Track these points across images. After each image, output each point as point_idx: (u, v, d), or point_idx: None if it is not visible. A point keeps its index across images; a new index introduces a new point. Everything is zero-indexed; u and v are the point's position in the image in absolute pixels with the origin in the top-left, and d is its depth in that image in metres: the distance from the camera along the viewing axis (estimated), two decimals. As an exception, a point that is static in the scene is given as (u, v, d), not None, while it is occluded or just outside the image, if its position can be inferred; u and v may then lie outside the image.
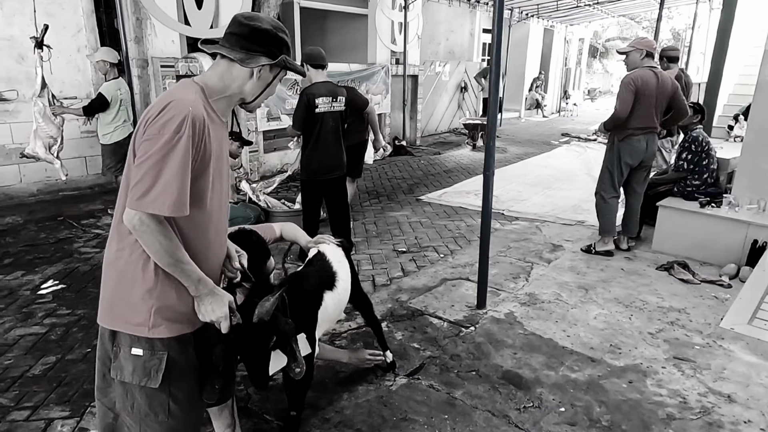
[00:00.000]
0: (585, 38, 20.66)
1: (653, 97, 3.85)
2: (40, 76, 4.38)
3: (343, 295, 2.15)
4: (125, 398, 1.41)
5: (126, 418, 1.45)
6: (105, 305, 1.40)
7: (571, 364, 2.64)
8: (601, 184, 4.18)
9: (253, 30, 1.40)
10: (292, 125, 3.86)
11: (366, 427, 2.16)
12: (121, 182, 1.36)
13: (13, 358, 2.73)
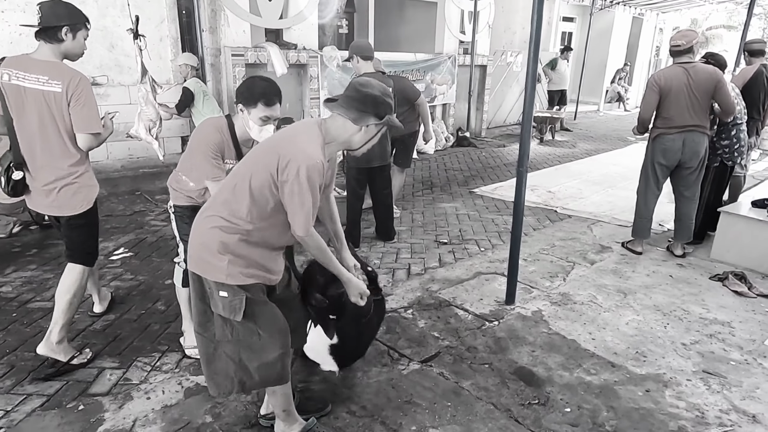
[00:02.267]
0: (681, 27, 19.18)
1: (684, 94, 3.66)
2: (140, 63, 4.81)
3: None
4: (224, 327, 1.79)
5: (226, 345, 1.81)
6: (195, 256, 1.78)
7: (588, 367, 2.60)
8: (638, 185, 4.15)
9: (366, 96, 1.77)
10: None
11: (370, 405, 2.28)
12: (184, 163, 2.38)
13: (81, 313, 3.11)
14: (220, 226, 1.74)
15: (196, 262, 1.78)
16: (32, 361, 2.60)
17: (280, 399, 1.99)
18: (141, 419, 2.20)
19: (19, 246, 4.14)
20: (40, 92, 2.36)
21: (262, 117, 2.23)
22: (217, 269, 1.73)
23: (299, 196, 1.69)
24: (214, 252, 1.73)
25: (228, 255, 1.73)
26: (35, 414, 2.23)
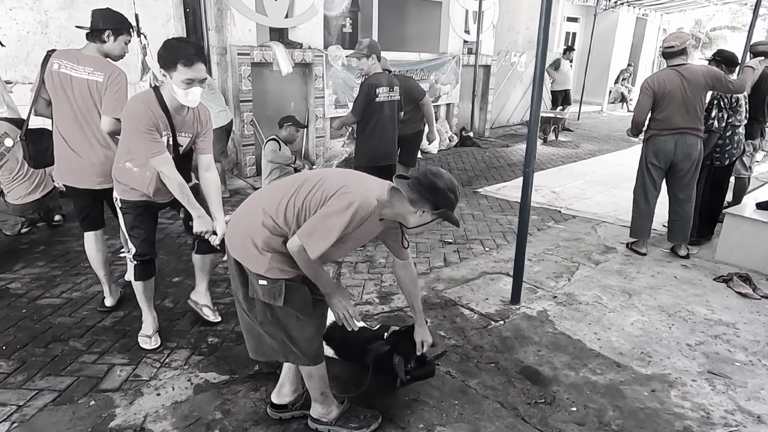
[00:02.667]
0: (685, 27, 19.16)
1: (678, 97, 3.68)
2: (141, 61, 4.84)
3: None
4: (265, 311, 1.91)
5: (267, 326, 1.93)
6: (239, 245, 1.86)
7: (594, 366, 2.62)
8: (635, 186, 4.17)
9: (431, 184, 1.81)
10: (352, 113, 4.04)
11: (378, 403, 2.30)
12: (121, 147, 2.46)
13: (90, 310, 3.14)
14: (270, 226, 1.82)
15: (239, 250, 1.88)
16: (43, 357, 2.63)
17: (318, 382, 2.05)
18: (152, 415, 2.23)
19: (27, 243, 4.17)
20: (85, 81, 2.79)
21: (184, 80, 2.25)
22: (259, 262, 1.83)
23: (333, 221, 1.71)
24: (259, 247, 1.82)
25: (271, 252, 1.83)
26: (47, 409, 2.26)
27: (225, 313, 3.16)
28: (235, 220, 1.95)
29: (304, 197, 1.81)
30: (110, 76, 2.84)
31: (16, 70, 5.31)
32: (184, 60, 2.23)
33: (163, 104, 2.37)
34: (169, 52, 2.24)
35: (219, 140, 5.44)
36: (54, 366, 2.57)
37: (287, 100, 6.97)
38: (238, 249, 1.88)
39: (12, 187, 3.99)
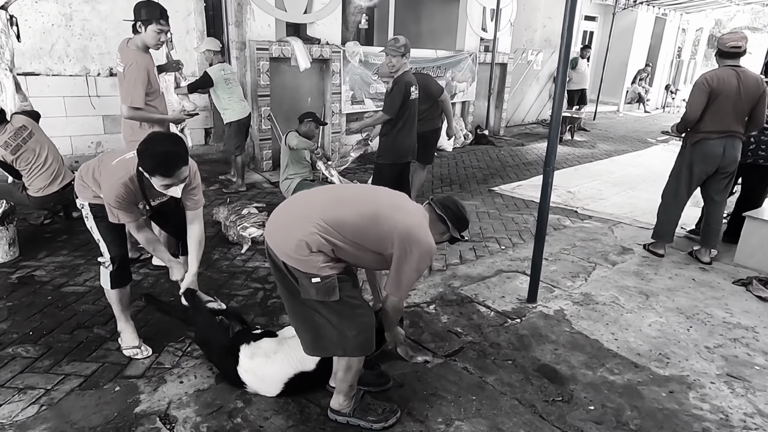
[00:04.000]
0: (704, 28, 18.86)
1: (732, 99, 3.57)
2: (166, 54, 4.89)
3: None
4: (321, 308, 1.95)
5: (324, 323, 1.98)
6: (288, 251, 1.90)
7: (612, 366, 2.62)
8: (666, 188, 4.08)
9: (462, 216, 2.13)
10: (385, 111, 4.06)
11: (397, 396, 2.33)
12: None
13: (112, 298, 3.20)
14: (323, 234, 1.88)
15: (289, 255, 1.90)
16: (68, 343, 2.70)
17: (354, 375, 2.10)
18: (175, 402, 2.28)
19: (50, 233, 4.25)
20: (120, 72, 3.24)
21: (163, 184, 2.23)
22: (311, 264, 1.88)
23: (418, 270, 2.01)
24: (312, 251, 1.88)
25: (321, 255, 1.90)
26: (74, 393, 2.31)
27: (244, 305, 3.21)
28: (284, 225, 1.97)
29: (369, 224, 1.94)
30: (126, 66, 3.15)
31: (41, 61, 5.40)
32: (162, 171, 2.18)
33: (143, 186, 2.34)
34: (147, 164, 2.19)
35: (237, 134, 5.50)
36: (79, 352, 2.63)
37: (304, 96, 7.00)
38: (288, 255, 1.90)
39: (31, 179, 4.05)
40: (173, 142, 2.26)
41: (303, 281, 1.90)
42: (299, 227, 1.91)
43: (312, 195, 2.11)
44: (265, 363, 2.29)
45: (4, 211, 3.61)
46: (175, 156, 2.20)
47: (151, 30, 3.20)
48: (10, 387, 2.34)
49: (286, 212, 2.04)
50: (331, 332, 1.99)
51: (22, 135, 3.95)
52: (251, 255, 3.96)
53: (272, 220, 2.06)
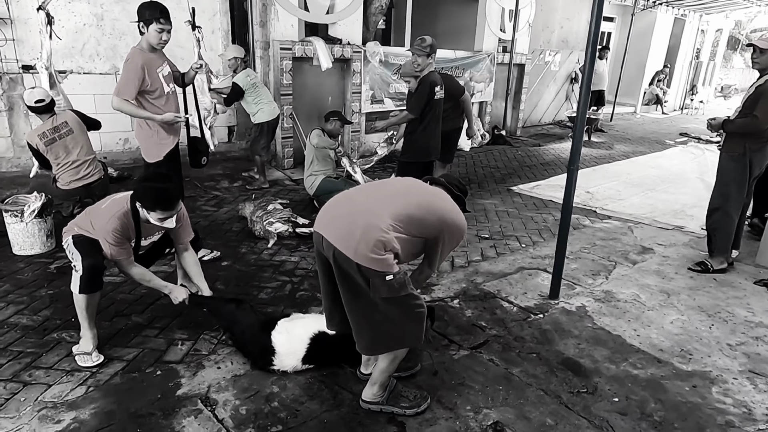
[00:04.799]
0: (724, 29, 18.65)
1: None
2: (197, 54, 5.01)
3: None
4: (389, 305, 1.99)
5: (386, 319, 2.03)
6: (361, 251, 1.92)
7: (635, 361, 2.68)
8: (726, 199, 3.72)
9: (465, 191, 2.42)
10: (410, 110, 4.14)
11: (425, 386, 2.41)
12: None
13: (148, 289, 3.32)
14: (395, 232, 1.98)
15: (365, 256, 1.92)
16: (109, 329, 2.82)
17: (395, 365, 2.18)
18: (214, 386, 2.38)
19: (83, 224, 4.39)
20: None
21: (161, 218, 2.48)
22: (386, 262, 1.94)
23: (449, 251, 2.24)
24: (386, 249, 1.95)
25: (389, 253, 1.96)
26: (118, 376, 2.43)
27: (273, 296, 3.31)
28: (353, 226, 1.97)
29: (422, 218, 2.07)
30: (124, 62, 3.38)
31: (72, 60, 5.57)
32: (162, 208, 2.46)
33: (138, 221, 2.56)
34: (148, 200, 2.45)
35: (265, 135, 5.62)
36: (120, 338, 2.75)
37: (325, 95, 7.11)
38: (361, 255, 1.91)
39: (58, 172, 4.19)
40: (168, 178, 2.52)
41: (375, 280, 1.93)
42: (372, 227, 1.95)
43: (368, 192, 2.21)
44: (300, 321, 2.59)
45: (43, 203, 3.75)
46: (173, 191, 2.50)
47: (153, 29, 3.31)
48: (58, 369, 2.47)
49: (349, 212, 2.05)
50: (392, 328, 2.04)
51: (61, 131, 4.09)
52: (277, 249, 4.07)
53: (333, 223, 2.04)
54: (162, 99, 3.55)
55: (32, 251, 3.76)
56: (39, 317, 2.93)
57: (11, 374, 2.42)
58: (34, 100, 4.04)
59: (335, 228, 2.02)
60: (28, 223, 3.68)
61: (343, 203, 2.15)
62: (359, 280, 1.96)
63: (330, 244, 1.98)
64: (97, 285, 2.53)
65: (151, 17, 3.30)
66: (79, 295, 2.49)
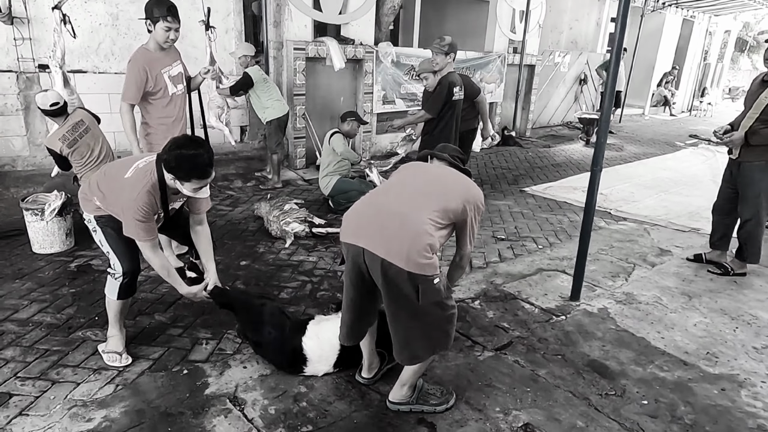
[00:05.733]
0: (732, 30, 18.59)
1: None
2: (210, 54, 5.02)
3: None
4: (436, 308, 2.00)
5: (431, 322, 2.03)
6: (413, 259, 1.90)
7: (661, 363, 2.67)
8: (758, 209, 3.62)
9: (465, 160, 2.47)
10: (427, 110, 4.13)
11: (452, 387, 2.40)
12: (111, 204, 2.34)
13: (168, 287, 3.31)
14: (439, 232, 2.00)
15: (416, 263, 1.89)
16: (133, 328, 2.82)
17: (425, 367, 2.17)
18: (242, 385, 2.38)
19: (100, 223, 4.40)
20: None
21: (195, 189, 2.24)
22: (432, 266, 1.93)
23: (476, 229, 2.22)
24: (432, 252, 1.94)
25: (435, 255, 1.97)
26: (146, 374, 2.44)
27: (294, 296, 3.31)
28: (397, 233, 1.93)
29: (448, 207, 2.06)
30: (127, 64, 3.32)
31: (88, 60, 5.59)
32: (197, 176, 2.21)
33: (164, 190, 2.30)
34: (182, 169, 2.18)
35: (276, 132, 5.63)
36: (144, 337, 2.76)
37: (337, 95, 7.11)
38: (413, 262, 1.88)
39: (82, 172, 4.21)
40: (200, 144, 2.23)
41: (425, 286, 1.90)
42: (419, 232, 1.92)
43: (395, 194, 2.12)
44: (328, 324, 2.48)
45: (63, 202, 3.76)
46: (208, 157, 2.22)
47: (159, 28, 3.22)
48: (85, 367, 2.48)
49: (389, 220, 1.99)
50: (437, 332, 2.05)
51: (79, 130, 4.11)
52: (295, 249, 4.07)
53: (374, 234, 1.98)
54: (164, 100, 3.44)
55: (52, 249, 3.77)
56: (63, 315, 2.93)
57: (39, 372, 2.42)
58: (49, 103, 4.04)
59: (379, 239, 1.96)
60: (49, 221, 3.68)
61: (376, 211, 2.08)
62: (407, 290, 1.93)
63: (375, 256, 1.93)
64: (134, 289, 2.55)
65: (158, 15, 3.20)
66: (117, 301, 2.49)
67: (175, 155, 2.17)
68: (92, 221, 2.43)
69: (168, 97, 3.42)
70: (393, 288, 1.97)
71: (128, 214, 2.22)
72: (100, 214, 2.41)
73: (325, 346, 2.44)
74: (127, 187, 2.25)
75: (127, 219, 2.24)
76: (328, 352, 2.44)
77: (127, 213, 2.23)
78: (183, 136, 2.34)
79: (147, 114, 3.40)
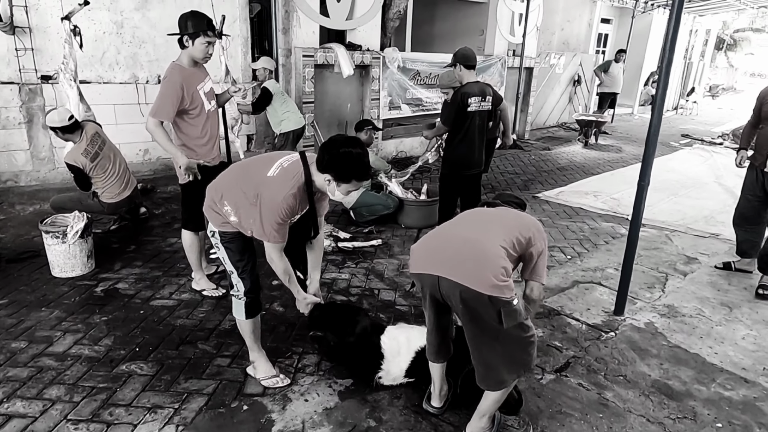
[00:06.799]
0: (712, 29, 18.99)
1: None
2: (224, 63, 4.88)
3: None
4: (517, 330, 1.96)
5: (514, 345, 2.00)
6: (487, 281, 1.87)
7: (722, 381, 2.66)
8: None
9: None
10: (443, 122, 4.06)
11: (524, 415, 2.35)
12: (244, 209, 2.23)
13: (204, 312, 3.21)
14: (508, 255, 1.99)
15: (494, 286, 1.87)
16: (178, 359, 2.70)
17: (505, 395, 2.10)
18: (308, 421, 2.29)
19: (117, 242, 4.24)
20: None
21: (351, 190, 2.14)
22: (509, 288, 1.91)
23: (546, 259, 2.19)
24: (507, 275, 1.93)
25: (510, 278, 1.94)
26: (204, 412, 2.32)
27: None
28: (474, 257, 1.93)
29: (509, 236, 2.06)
30: (162, 80, 3.16)
31: (92, 69, 5.38)
32: (358, 177, 2.10)
33: (311, 190, 2.18)
34: (346, 168, 2.07)
35: (291, 144, 5.49)
36: (192, 369, 2.63)
37: (344, 102, 7.02)
38: (488, 285, 1.86)
39: (106, 186, 4.07)
40: (360, 144, 2.13)
41: (506, 309, 1.89)
42: (494, 255, 1.93)
43: (466, 223, 2.17)
44: (407, 329, 2.61)
45: (85, 224, 3.60)
46: (368, 160, 2.14)
47: (199, 43, 3.05)
48: (138, 406, 2.35)
49: (464, 247, 1.98)
50: (520, 354, 2.01)
51: (98, 142, 3.98)
52: (324, 266, 3.96)
53: (449, 262, 1.95)
54: (201, 118, 3.28)
55: (73, 273, 3.60)
56: (101, 347, 2.79)
57: (90, 413, 2.29)
58: (67, 117, 3.90)
59: (455, 265, 1.95)
60: (71, 244, 3.52)
61: (446, 240, 2.09)
62: (489, 314, 1.91)
63: (455, 283, 1.92)
64: (259, 306, 2.53)
65: (197, 29, 3.03)
66: (247, 321, 2.47)
67: (339, 155, 2.05)
68: (216, 236, 2.36)
69: (205, 114, 3.26)
70: (473, 313, 1.96)
71: (269, 214, 2.11)
72: (227, 230, 2.33)
73: (402, 349, 2.50)
74: (272, 186, 2.12)
75: (266, 218, 2.12)
76: (404, 354, 2.49)
77: (267, 213, 2.11)
78: (340, 135, 2.20)
79: (182, 134, 3.23)
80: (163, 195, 5.50)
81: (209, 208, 2.36)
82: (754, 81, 29.14)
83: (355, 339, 2.55)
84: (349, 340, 2.56)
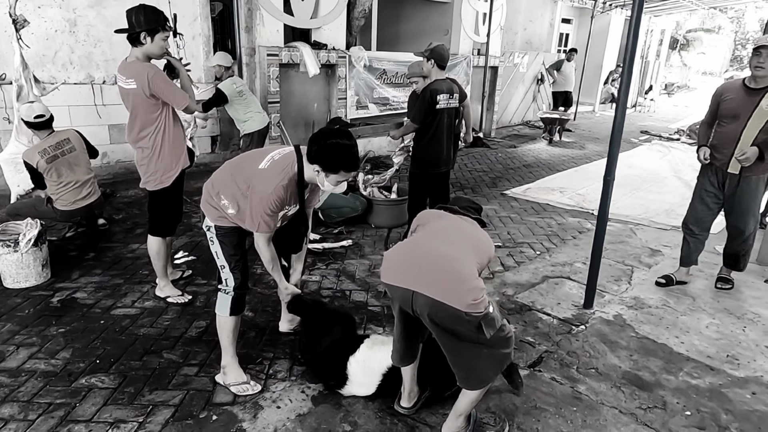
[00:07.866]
0: (666, 29, 19.68)
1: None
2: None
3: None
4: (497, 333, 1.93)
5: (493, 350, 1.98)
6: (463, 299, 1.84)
7: (690, 370, 2.72)
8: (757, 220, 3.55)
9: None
10: (412, 120, 4.03)
11: (500, 411, 2.34)
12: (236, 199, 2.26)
13: (170, 320, 3.09)
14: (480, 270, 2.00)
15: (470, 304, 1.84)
16: (142, 370, 2.58)
17: (482, 394, 2.08)
18: (281, 429, 2.22)
19: (74, 250, 4.05)
20: (126, 91, 2.92)
21: (340, 181, 2.17)
22: (484, 302, 1.88)
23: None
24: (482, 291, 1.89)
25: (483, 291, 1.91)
26: (170, 425, 2.22)
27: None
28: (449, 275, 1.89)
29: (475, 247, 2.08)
30: (143, 82, 2.83)
31: (44, 69, 5.14)
32: (346, 167, 2.12)
33: (301, 183, 2.23)
34: (334, 159, 2.09)
35: (254, 144, 5.35)
36: (157, 379, 2.52)
37: (311, 101, 6.93)
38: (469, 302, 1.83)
39: (60, 192, 3.88)
40: (349, 135, 2.14)
41: (484, 321, 1.86)
42: (470, 275, 1.91)
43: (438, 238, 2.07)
44: (379, 353, 2.41)
45: (39, 231, 3.41)
46: (356, 150, 2.15)
47: (159, 39, 2.88)
48: (100, 421, 2.23)
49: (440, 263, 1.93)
50: (499, 353, 2.00)
51: (63, 148, 3.82)
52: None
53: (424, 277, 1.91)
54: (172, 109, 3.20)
55: (27, 283, 3.41)
56: (58, 360, 2.64)
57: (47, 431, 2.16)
58: (33, 115, 3.78)
59: (432, 283, 1.89)
60: (24, 253, 3.33)
61: (423, 254, 2.00)
62: (466, 327, 1.89)
63: (430, 299, 1.88)
64: (244, 305, 2.53)
65: (157, 24, 2.87)
66: (229, 318, 2.44)
67: (327, 145, 2.08)
68: (212, 230, 2.36)
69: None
70: (450, 326, 1.94)
71: (259, 204, 2.16)
72: (223, 224, 2.34)
73: (368, 374, 2.38)
74: (263, 178, 2.17)
75: (256, 209, 2.17)
76: (369, 378, 2.38)
77: (257, 204, 2.16)
78: (329, 127, 2.26)
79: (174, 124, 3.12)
80: (124, 200, 5.30)
81: (206, 203, 2.37)
82: (705, 79, 30.38)
83: (323, 352, 2.48)
84: (318, 349, 2.51)
